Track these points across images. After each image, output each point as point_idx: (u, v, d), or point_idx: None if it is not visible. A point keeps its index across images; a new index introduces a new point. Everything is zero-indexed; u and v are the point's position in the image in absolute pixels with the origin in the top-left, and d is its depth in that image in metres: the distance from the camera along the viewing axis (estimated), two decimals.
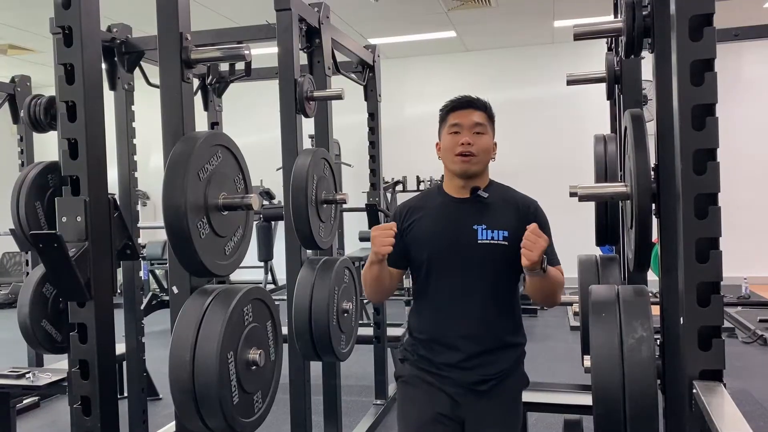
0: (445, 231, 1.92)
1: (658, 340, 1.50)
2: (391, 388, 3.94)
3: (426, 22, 7.03)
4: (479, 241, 1.88)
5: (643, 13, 1.48)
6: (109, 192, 1.77)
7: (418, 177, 7.88)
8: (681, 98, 1.21)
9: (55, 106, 3.13)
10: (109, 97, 2.66)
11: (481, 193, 1.95)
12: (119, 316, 2.15)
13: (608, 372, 1.39)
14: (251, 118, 8.10)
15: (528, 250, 1.71)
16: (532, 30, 7.62)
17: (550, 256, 1.84)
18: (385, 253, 1.81)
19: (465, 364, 1.88)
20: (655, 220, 1.48)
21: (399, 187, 7.82)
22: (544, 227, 1.90)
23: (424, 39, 7.75)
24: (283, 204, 2.78)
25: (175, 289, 1.77)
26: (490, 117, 2.03)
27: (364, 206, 3.76)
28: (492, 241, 1.89)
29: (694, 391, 1.19)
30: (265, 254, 7.63)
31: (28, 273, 3.86)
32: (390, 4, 6.34)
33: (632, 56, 1.59)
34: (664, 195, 1.43)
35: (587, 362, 1.47)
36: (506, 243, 1.88)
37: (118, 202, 1.94)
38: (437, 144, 2.03)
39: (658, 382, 1.44)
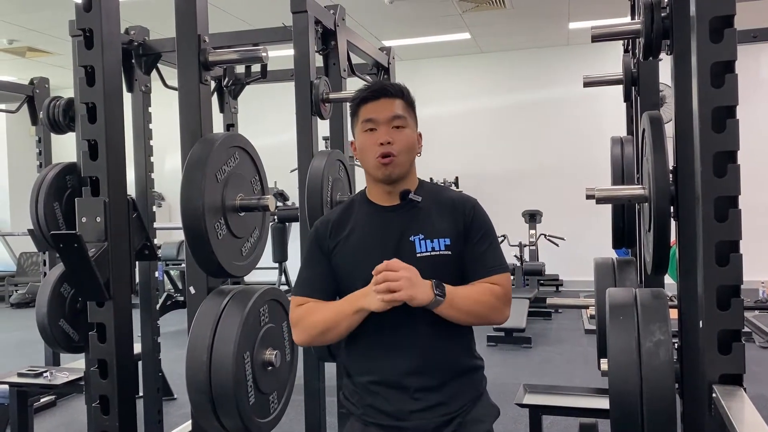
0: (377, 248, 1.59)
1: (676, 344, 1.49)
2: None
3: (440, 24, 7.03)
4: (419, 255, 1.58)
5: (662, 14, 1.47)
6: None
7: (431, 179, 7.88)
8: (701, 100, 1.20)
9: (74, 108, 3.17)
10: (126, 99, 2.68)
11: (413, 196, 1.64)
12: (135, 317, 2.17)
13: (626, 375, 1.38)
14: (265, 120, 8.14)
15: (386, 293, 1.44)
16: (546, 32, 7.59)
17: (488, 263, 1.61)
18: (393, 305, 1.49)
19: (420, 406, 1.56)
20: (673, 223, 1.47)
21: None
22: (487, 228, 1.65)
23: (438, 41, 7.74)
24: (297, 205, 2.79)
25: (192, 290, 1.79)
26: (410, 104, 1.67)
27: None
28: (433, 253, 1.59)
29: (714, 395, 1.18)
30: (280, 255, 7.66)
31: (45, 273, 3.90)
32: (404, 6, 6.34)
33: (650, 58, 1.58)
34: (683, 197, 1.42)
35: (604, 365, 1.46)
36: (449, 252, 1.60)
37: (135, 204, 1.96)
38: (352, 143, 1.69)
39: (676, 386, 1.43)
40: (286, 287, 7.81)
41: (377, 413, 1.59)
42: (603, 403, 2.42)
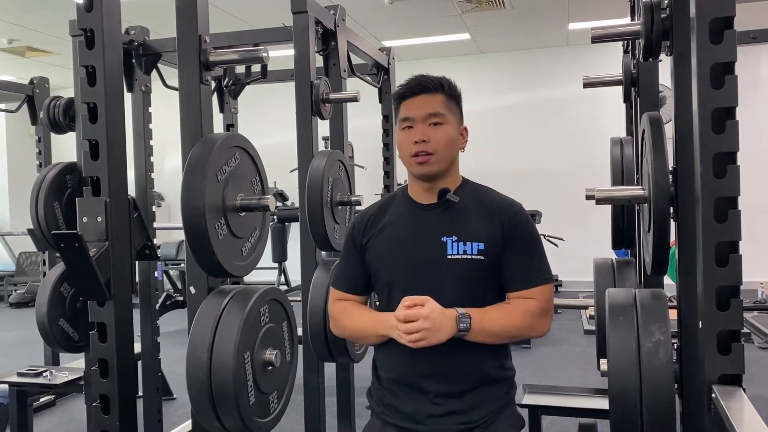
0: (408, 246, 1.58)
1: (676, 344, 1.49)
2: None
3: (440, 24, 7.03)
4: (449, 257, 1.54)
5: (662, 15, 1.48)
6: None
7: None
8: (701, 101, 1.21)
9: (74, 108, 3.17)
10: (126, 99, 2.68)
11: (450, 196, 1.59)
12: (134, 316, 2.17)
13: (625, 376, 1.39)
14: (264, 121, 8.14)
15: (411, 339, 1.44)
16: (546, 32, 7.59)
17: (526, 274, 1.55)
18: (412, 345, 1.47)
19: (439, 411, 1.52)
20: (672, 224, 1.47)
21: None
22: (529, 236, 1.60)
23: (438, 41, 7.75)
24: (296, 205, 2.79)
25: (192, 290, 1.79)
26: (453, 98, 1.61)
27: None
28: (464, 256, 1.53)
29: (713, 395, 1.19)
30: (279, 255, 7.67)
31: (45, 273, 3.90)
32: (404, 7, 6.35)
33: (650, 59, 1.58)
34: (683, 198, 1.43)
35: (604, 366, 1.47)
36: (482, 257, 1.53)
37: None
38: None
39: (676, 386, 1.43)
40: (285, 287, 7.82)
41: (396, 413, 1.58)
42: (602, 403, 2.42)
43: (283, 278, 7.93)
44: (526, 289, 1.55)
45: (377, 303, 1.72)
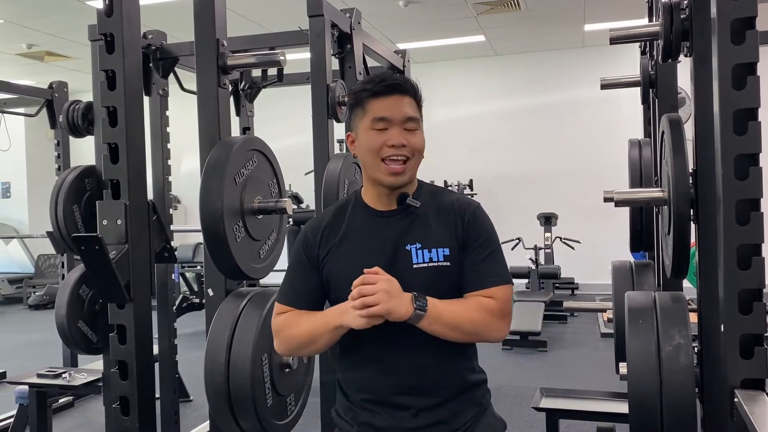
0: (371, 257, 1.47)
1: (696, 348, 1.48)
2: None
3: (455, 26, 7.03)
4: (415, 266, 1.46)
5: (681, 16, 1.46)
6: None
7: (445, 182, 7.87)
8: (722, 103, 1.20)
9: (93, 112, 3.20)
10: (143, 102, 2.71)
11: (411, 201, 1.50)
12: (152, 318, 2.18)
13: (645, 379, 1.37)
14: (278, 123, 8.17)
15: (363, 308, 1.33)
16: (562, 34, 7.56)
17: (485, 274, 1.47)
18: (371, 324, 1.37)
19: (420, 423, 1.46)
20: (692, 226, 1.46)
21: None
22: (487, 235, 1.51)
23: (453, 43, 7.74)
24: (311, 208, 2.79)
25: (210, 292, 1.80)
26: (419, 104, 1.53)
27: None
28: (431, 264, 1.46)
29: (736, 399, 1.17)
30: None
31: (64, 275, 3.94)
32: (419, 9, 6.35)
33: (669, 60, 1.57)
34: (703, 200, 1.41)
35: (623, 369, 1.46)
36: (448, 263, 1.46)
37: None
38: (349, 135, 1.55)
39: (696, 390, 1.42)
40: None
41: (372, 431, 1.48)
42: (620, 407, 2.40)
43: None
44: (485, 289, 1.46)
45: None
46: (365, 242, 1.50)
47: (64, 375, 3.04)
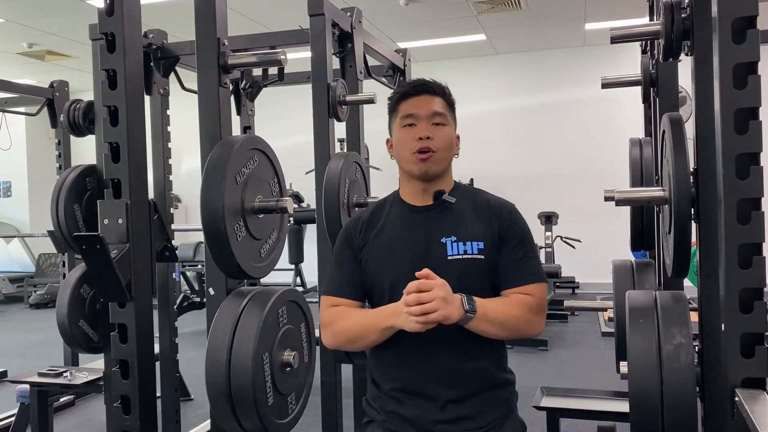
0: (407, 249, 1.56)
1: (696, 347, 1.48)
2: None
3: (455, 25, 7.02)
4: (450, 258, 1.53)
5: (682, 15, 1.46)
6: None
7: None
8: (723, 102, 1.19)
9: (94, 111, 3.20)
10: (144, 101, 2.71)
11: (446, 197, 1.59)
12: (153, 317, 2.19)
13: (646, 378, 1.37)
14: (279, 123, 8.17)
15: (420, 316, 1.37)
16: (563, 33, 7.56)
17: (523, 272, 1.55)
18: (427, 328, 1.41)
19: (447, 416, 1.50)
20: (693, 225, 1.46)
21: None
22: (524, 234, 1.59)
23: (453, 42, 7.74)
24: (312, 207, 2.80)
25: (211, 291, 1.80)
26: (450, 104, 1.64)
27: None
28: (465, 256, 1.53)
29: (737, 399, 1.17)
30: (296, 257, 7.70)
31: (65, 274, 3.94)
32: (419, 8, 6.35)
33: (670, 59, 1.57)
34: (704, 199, 1.41)
35: (624, 368, 1.45)
36: (482, 257, 1.53)
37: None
38: (388, 140, 1.66)
39: (697, 389, 1.42)
40: (301, 288, 7.84)
41: (400, 420, 1.54)
42: (621, 406, 2.40)
43: (299, 280, 7.95)
44: (523, 286, 1.55)
45: None
46: (402, 234, 1.59)
47: (65, 374, 3.04)
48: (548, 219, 7.12)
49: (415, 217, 1.60)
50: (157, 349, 3.28)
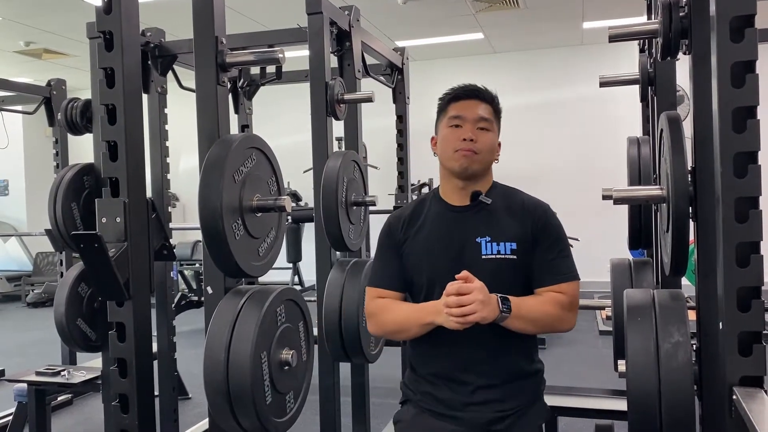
0: (444, 247, 1.66)
1: (694, 346, 1.48)
2: None
3: (453, 24, 7.02)
4: (483, 257, 1.62)
5: (680, 14, 1.46)
6: None
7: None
8: (721, 101, 1.20)
9: (91, 109, 3.20)
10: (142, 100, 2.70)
11: (483, 198, 1.69)
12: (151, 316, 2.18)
13: (644, 377, 1.38)
14: (277, 121, 8.17)
15: (458, 317, 1.47)
16: (561, 31, 7.55)
17: (556, 270, 1.64)
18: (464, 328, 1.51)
19: (476, 399, 1.62)
20: (691, 224, 1.46)
21: (425, 189, 7.82)
22: (558, 234, 1.68)
23: (451, 41, 7.73)
24: (310, 206, 2.80)
25: (209, 290, 1.80)
26: (497, 112, 1.76)
27: (391, 208, 3.76)
28: (498, 256, 1.62)
29: (735, 397, 1.17)
30: (294, 255, 7.69)
31: (62, 273, 3.94)
32: (417, 7, 6.34)
33: (668, 58, 1.57)
34: (702, 198, 1.42)
35: (622, 367, 1.46)
36: (514, 257, 1.63)
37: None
38: (433, 138, 1.77)
39: (695, 387, 1.42)
40: (299, 287, 7.84)
41: (433, 401, 1.66)
42: (619, 404, 2.41)
43: (296, 278, 7.95)
44: (556, 284, 1.64)
45: None
46: (439, 233, 1.68)
47: (62, 373, 3.04)
48: None
49: (453, 217, 1.69)
50: (155, 347, 3.28)
